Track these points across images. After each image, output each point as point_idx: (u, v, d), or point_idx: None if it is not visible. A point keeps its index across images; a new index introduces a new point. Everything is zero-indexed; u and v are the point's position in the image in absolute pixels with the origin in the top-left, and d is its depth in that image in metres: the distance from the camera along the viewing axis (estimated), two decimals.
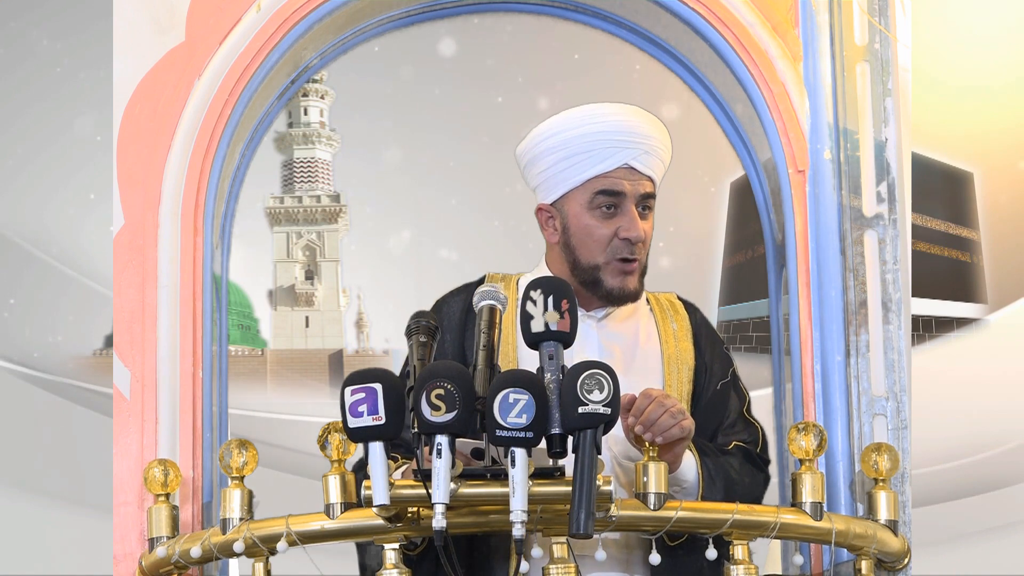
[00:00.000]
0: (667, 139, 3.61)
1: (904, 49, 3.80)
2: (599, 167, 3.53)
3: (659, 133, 3.59)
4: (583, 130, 3.55)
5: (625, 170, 3.54)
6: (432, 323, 3.26)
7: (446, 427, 2.98)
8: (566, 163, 3.55)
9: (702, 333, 3.68)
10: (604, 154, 3.53)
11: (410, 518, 3.20)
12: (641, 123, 3.57)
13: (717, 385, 3.62)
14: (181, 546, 3.39)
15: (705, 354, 3.64)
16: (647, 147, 3.55)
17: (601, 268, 3.55)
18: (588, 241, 3.55)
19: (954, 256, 7.61)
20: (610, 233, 3.54)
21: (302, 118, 9.25)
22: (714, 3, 3.78)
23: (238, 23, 3.77)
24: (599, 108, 3.59)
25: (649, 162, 3.56)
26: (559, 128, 3.57)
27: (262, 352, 8.63)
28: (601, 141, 3.53)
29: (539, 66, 7.80)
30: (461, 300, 3.62)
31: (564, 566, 3.20)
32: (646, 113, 3.61)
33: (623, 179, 3.54)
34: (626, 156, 3.53)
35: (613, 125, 3.54)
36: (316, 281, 9.05)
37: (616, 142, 3.53)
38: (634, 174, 3.55)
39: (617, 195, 3.54)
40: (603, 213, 3.55)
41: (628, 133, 3.54)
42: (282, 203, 9.15)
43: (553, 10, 4.01)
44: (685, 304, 3.73)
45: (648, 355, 3.60)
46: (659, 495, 3.23)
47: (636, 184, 3.55)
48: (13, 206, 7.70)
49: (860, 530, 3.40)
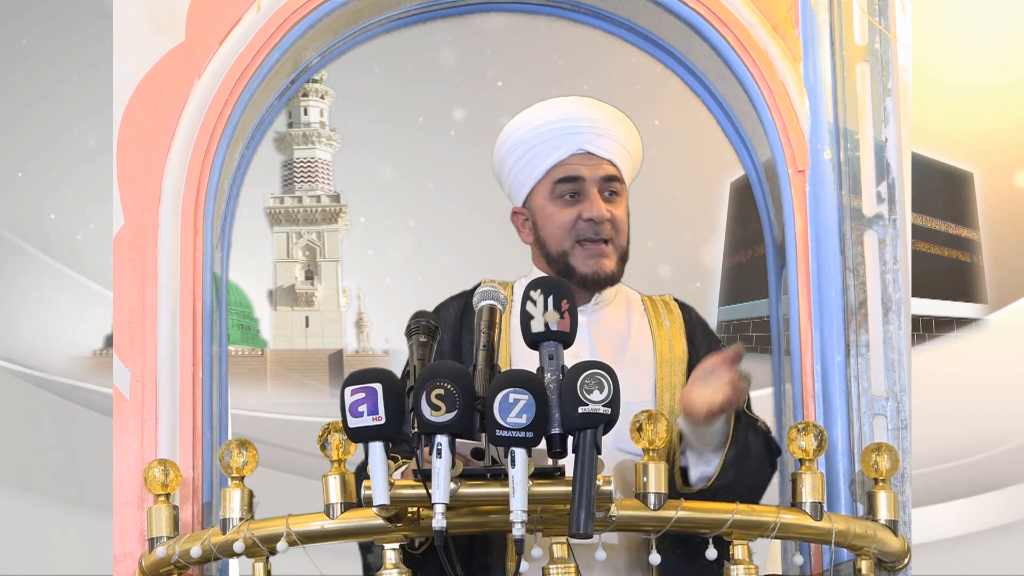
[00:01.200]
0: (626, 126, 3.67)
1: (904, 49, 3.80)
2: (555, 155, 3.60)
3: (613, 118, 3.65)
4: (536, 123, 3.63)
5: (582, 155, 3.60)
6: (432, 323, 3.27)
7: (446, 427, 2.98)
8: (525, 159, 3.62)
9: (696, 330, 3.71)
10: (558, 142, 3.60)
11: (410, 518, 3.20)
12: (592, 109, 3.64)
13: None
14: (181, 546, 3.39)
15: (700, 350, 3.66)
16: (600, 130, 3.61)
17: (569, 253, 3.60)
18: (553, 229, 3.61)
19: (954, 256, 7.61)
20: (573, 217, 3.60)
21: (302, 118, 9.26)
22: (714, 3, 3.78)
23: (238, 23, 3.77)
24: (550, 101, 3.67)
25: (605, 145, 3.61)
26: (515, 127, 3.66)
27: (262, 352, 8.63)
28: (554, 130, 3.60)
29: (539, 66, 7.81)
30: (458, 303, 3.67)
31: (564, 566, 3.20)
32: (600, 102, 3.68)
33: (580, 164, 3.60)
34: (580, 141, 3.60)
35: (563, 113, 3.62)
36: (316, 281, 9.05)
37: (568, 129, 3.60)
38: (592, 158, 3.60)
39: (576, 180, 3.60)
40: (566, 201, 3.61)
41: (578, 119, 3.61)
42: (282, 203, 9.16)
43: (553, 10, 4.01)
44: (680, 304, 3.75)
45: (639, 350, 3.61)
46: (659, 495, 3.23)
47: (595, 168, 3.60)
48: (13, 206, 7.70)
49: (860, 530, 3.40)
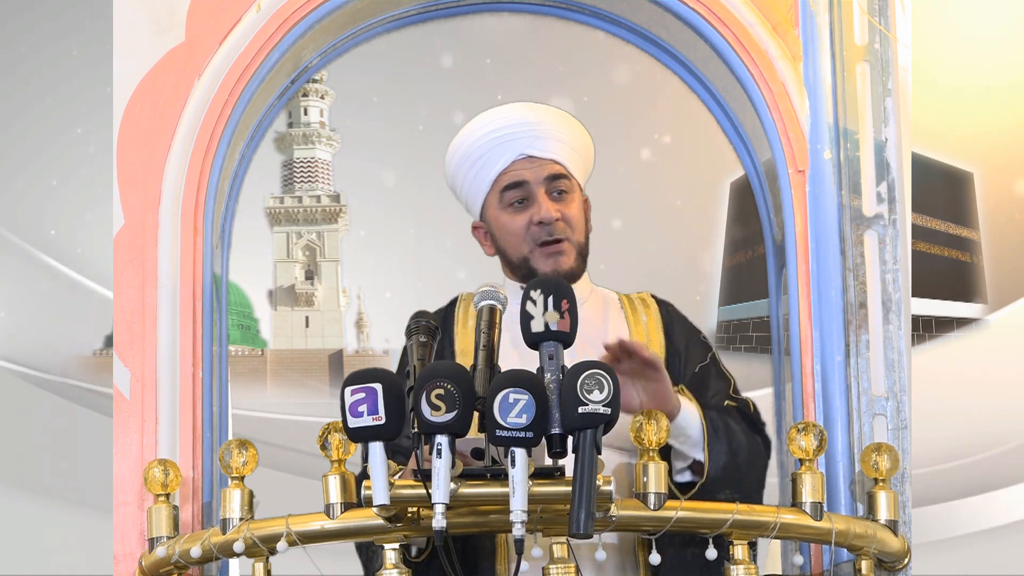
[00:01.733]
0: (569, 125, 3.69)
1: (904, 49, 3.80)
2: (499, 164, 3.64)
3: (554, 119, 3.68)
4: (475, 136, 3.67)
5: (524, 160, 3.64)
6: (432, 323, 3.27)
7: (446, 427, 2.98)
8: (472, 172, 3.67)
9: (674, 323, 3.73)
10: (499, 151, 3.63)
11: (410, 518, 3.20)
12: (529, 113, 3.67)
13: (695, 368, 3.64)
14: (181, 546, 3.39)
15: (678, 343, 3.68)
16: (539, 132, 3.64)
17: (529, 258, 3.64)
18: (509, 237, 3.65)
19: (954, 256, 7.61)
20: (525, 222, 3.63)
21: (302, 118, 9.25)
22: (714, 3, 3.78)
23: (238, 23, 3.77)
24: (485, 113, 3.70)
25: (546, 146, 3.64)
26: (459, 143, 3.70)
27: (262, 352, 8.63)
28: (493, 140, 3.64)
29: (539, 66, 7.81)
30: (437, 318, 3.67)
31: (564, 566, 3.20)
32: (538, 105, 3.71)
33: (524, 169, 3.64)
34: (520, 146, 3.63)
35: (499, 123, 3.66)
36: (316, 281, 9.05)
37: (505, 136, 3.64)
38: (534, 161, 3.63)
39: (521, 185, 3.63)
40: (516, 208, 3.64)
41: (515, 125, 3.64)
42: (282, 203, 9.15)
43: (553, 10, 4.01)
44: (657, 300, 3.77)
45: None
46: (659, 495, 3.23)
47: (538, 170, 3.63)
48: (13, 206, 7.70)
49: (860, 530, 3.40)
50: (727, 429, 3.52)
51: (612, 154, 7.87)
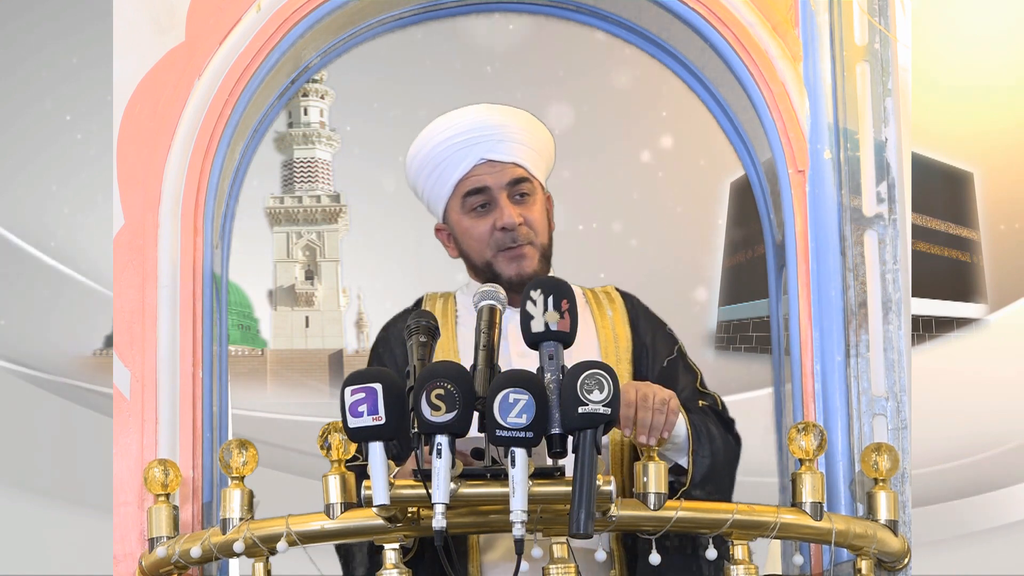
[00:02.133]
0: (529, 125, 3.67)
1: (904, 49, 3.80)
2: (459, 169, 3.62)
3: (514, 120, 3.65)
4: (435, 141, 3.65)
5: (485, 165, 3.62)
6: (432, 323, 3.27)
7: (446, 427, 2.98)
8: (434, 177, 3.65)
9: (639, 317, 3.73)
10: (459, 156, 3.62)
11: (410, 518, 3.20)
12: (489, 116, 3.64)
13: (663, 362, 3.65)
14: (181, 546, 3.39)
15: (645, 336, 3.68)
16: (499, 136, 3.62)
17: (492, 263, 3.63)
18: (472, 242, 3.64)
19: (954, 256, 7.61)
20: (488, 228, 3.62)
21: (302, 118, 9.25)
22: (714, 3, 3.78)
23: (238, 23, 3.77)
24: (445, 116, 3.68)
25: (507, 149, 3.62)
26: (417, 148, 3.68)
27: (262, 352, 8.63)
28: (453, 145, 3.62)
29: (540, 66, 7.81)
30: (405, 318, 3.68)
31: (564, 566, 3.20)
32: (497, 106, 3.68)
33: (485, 174, 3.62)
34: (480, 151, 3.62)
35: (459, 127, 3.63)
36: (316, 281, 9.05)
37: (466, 141, 3.61)
38: (495, 165, 3.62)
39: (482, 191, 3.62)
40: (478, 213, 3.63)
41: (475, 129, 3.62)
42: (282, 203, 9.15)
43: (553, 10, 4.01)
44: (622, 293, 3.77)
45: (584, 342, 3.60)
46: (659, 495, 3.23)
47: (499, 174, 3.62)
48: (13, 206, 7.70)
49: (860, 530, 3.40)
50: (708, 433, 3.52)
51: (612, 155, 7.87)
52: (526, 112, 3.71)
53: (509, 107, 3.69)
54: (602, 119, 7.86)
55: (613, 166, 7.87)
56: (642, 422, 3.29)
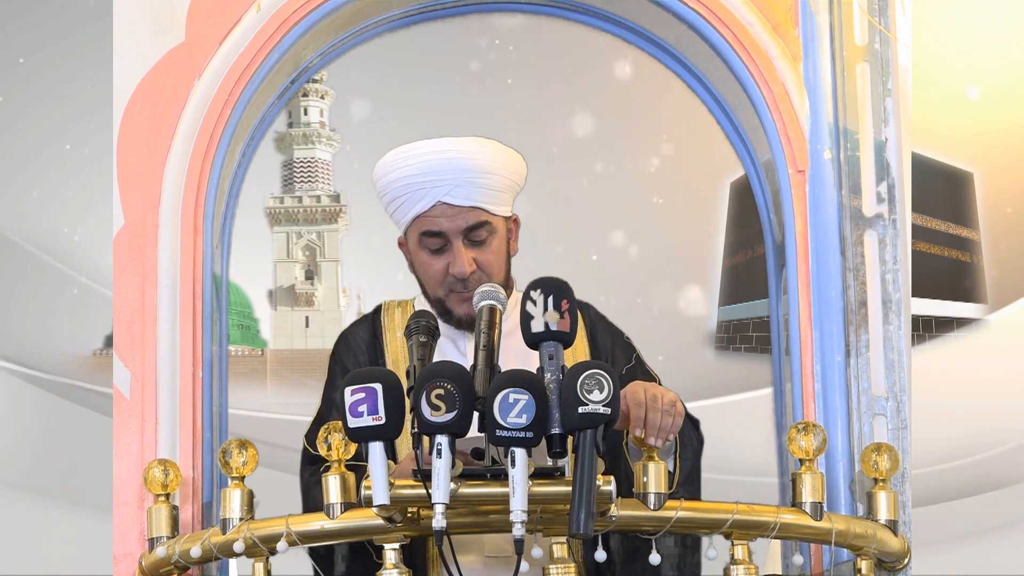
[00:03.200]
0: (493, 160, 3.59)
1: (904, 49, 3.80)
2: (416, 208, 3.57)
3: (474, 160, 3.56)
4: (394, 176, 3.59)
5: (443, 207, 3.56)
6: (432, 323, 3.27)
7: (446, 427, 2.98)
8: (392, 206, 3.61)
9: (596, 328, 3.72)
10: (416, 196, 3.56)
11: (410, 518, 3.20)
12: (448, 157, 3.56)
13: (622, 371, 3.63)
14: (181, 546, 3.39)
15: (602, 346, 3.68)
16: (459, 180, 3.55)
17: (444, 301, 3.61)
18: (426, 277, 3.63)
19: (954, 256, 7.61)
20: (443, 269, 3.59)
21: (302, 118, 9.25)
22: (714, 3, 3.78)
23: (238, 23, 3.77)
24: (405, 151, 3.59)
25: (466, 193, 3.55)
26: (378, 174, 3.62)
27: (262, 352, 8.63)
28: (410, 185, 3.56)
29: (540, 66, 7.81)
30: (366, 326, 3.72)
31: (564, 566, 3.20)
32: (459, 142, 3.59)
33: (440, 216, 3.57)
34: (438, 194, 3.55)
35: (417, 167, 3.56)
36: (316, 281, 9.05)
37: (423, 183, 3.55)
38: (452, 209, 3.56)
39: (438, 235, 3.58)
40: (433, 253, 3.59)
41: (434, 172, 3.55)
42: (282, 203, 9.15)
43: (553, 10, 4.01)
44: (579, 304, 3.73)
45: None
46: (659, 495, 3.23)
47: (455, 219, 3.56)
48: (13, 206, 7.70)
49: (860, 530, 3.40)
50: (689, 436, 3.55)
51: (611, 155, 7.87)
52: (493, 144, 3.62)
53: (474, 141, 3.60)
54: (602, 119, 7.86)
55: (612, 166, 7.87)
56: (652, 423, 3.29)
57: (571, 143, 7.53)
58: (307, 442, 3.59)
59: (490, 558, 3.48)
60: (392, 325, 3.70)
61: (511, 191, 3.64)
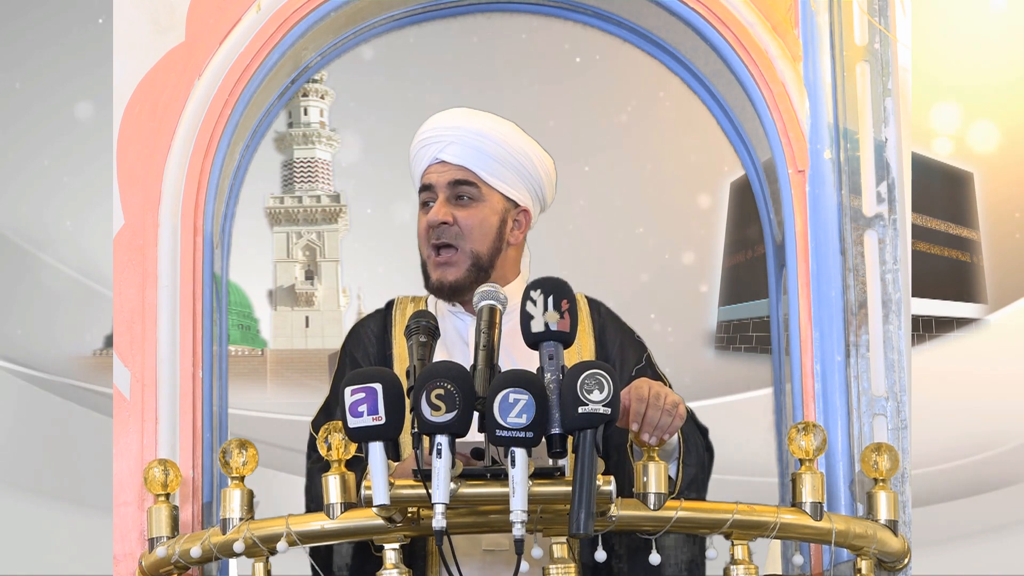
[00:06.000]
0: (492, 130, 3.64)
1: (904, 49, 3.80)
2: (421, 166, 3.66)
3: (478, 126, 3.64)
4: (414, 141, 3.68)
5: (437, 164, 3.63)
6: (432, 323, 3.27)
7: (446, 427, 2.98)
8: (412, 172, 3.70)
9: (606, 327, 3.71)
10: (423, 153, 3.65)
11: (410, 518, 3.20)
12: (452, 118, 3.66)
13: (632, 371, 3.63)
14: (181, 546, 3.39)
15: (611, 347, 3.66)
16: (452, 138, 3.61)
17: (426, 263, 3.65)
18: (418, 239, 3.67)
19: (954, 256, 7.61)
20: (426, 225, 3.63)
21: (302, 118, 9.25)
22: (714, 3, 3.78)
23: (238, 23, 3.77)
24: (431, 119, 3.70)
25: (457, 152, 3.61)
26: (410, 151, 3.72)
27: (262, 352, 8.63)
28: (420, 143, 3.66)
29: (540, 66, 7.81)
30: (378, 320, 3.71)
31: (564, 566, 3.20)
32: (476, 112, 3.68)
33: (434, 172, 3.64)
34: (434, 151, 3.63)
35: (427, 127, 3.66)
36: (316, 281, 9.05)
37: (425, 141, 3.65)
38: (445, 166, 3.62)
39: (428, 189, 3.64)
40: (424, 210, 3.65)
41: (433, 130, 3.64)
42: (282, 203, 9.15)
43: (553, 10, 4.01)
44: (589, 301, 3.74)
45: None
46: (659, 495, 3.23)
47: (443, 174, 3.62)
48: (13, 206, 7.70)
49: (860, 530, 3.40)
50: (695, 443, 3.53)
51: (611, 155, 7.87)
52: (509, 123, 3.67)
53: (490, 115, 3.68)
54: (602, 118, 7.86)
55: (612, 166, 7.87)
56: (650, 420, 3.28)
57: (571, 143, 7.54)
58: (313, 428, 3.59)
59: (487, 551, 3.48)
60: (403, 320, 3.69)
61: (518, 173, 3.65)
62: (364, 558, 3.44)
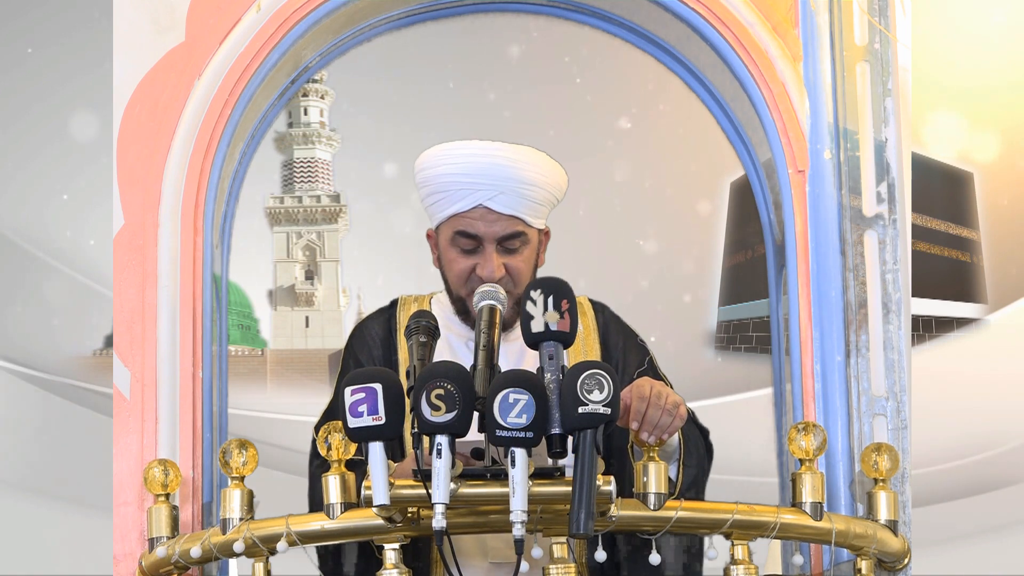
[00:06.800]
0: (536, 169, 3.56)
1: (904, 49, 3.80)
2: (456, 207, 3.55)
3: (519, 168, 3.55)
4: (438, 170, 3.56)
5: (482, 210, 3.54)
6: (432, 323, 3.27)
7: (446, 427, 2.98)
8: (430, 199, 3.58)
9: (610, 329, 3.70)
10: (458, 195, 3.53)
11: (410, 518, 3.20)
12: (498, 164, 3.54)
13: (634, 373, 3.62)
14: (181, 546, 3.39)
15: (615, 349, 3.66)
16: (504, 187, 3.52)
17: (466, 300, 3.57)
18: (452, 275, 3.59)
19: (954, 256, 7.61)
20: (469, 269, 3.56)
21: (302, 118, 9.26)
22: (714, 3, 3.78)
23: (238, 23, 3.77)
24: (453, 148, 3.57)
25: (510, 202, 3.53)
26: (421, 165, 3.60)
27: (262, 352, 8.63)
28: (454, 183, 3.54)
29: (540, 66, 7.81)
30: (382, 320, 3.69)
31: (564, 566, 3.20)
32: (513, 151, 3.56)
33: (479, 220, 3.54)
34: (480, 197, 3.52)
35: (464, 167, 3.53)
36: (316, 281, 9.06)
37: (467, 184, 3.53)
38: (491, 214, 3.53)
39: (473, 237, 3.55)
40: (464, 252, 3.56)
41: (480, 175, 3.53)
42: (282, 203, 9.16)
43: (553, 10, 4.01)
44: (594, 304, 3.73)
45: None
46: (659, 495, 3.23)
47: (493, 225, 3.53)
48: (13, 206, 7.70)
49: (860, 530, 3.40)
50: (696, 444, 3.53)
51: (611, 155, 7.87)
52: (542, 156, 3.59)
53: (526, 150, 3.57)
54: (601, 119, 7.86)
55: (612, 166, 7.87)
56: (650, 419, 3.28)
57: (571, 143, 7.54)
58: (316, 433, 3.59)
59: (493, 564, 3.48)
60: (407, 320, 3.67)
61: (550, 204, 3.62)
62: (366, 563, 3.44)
